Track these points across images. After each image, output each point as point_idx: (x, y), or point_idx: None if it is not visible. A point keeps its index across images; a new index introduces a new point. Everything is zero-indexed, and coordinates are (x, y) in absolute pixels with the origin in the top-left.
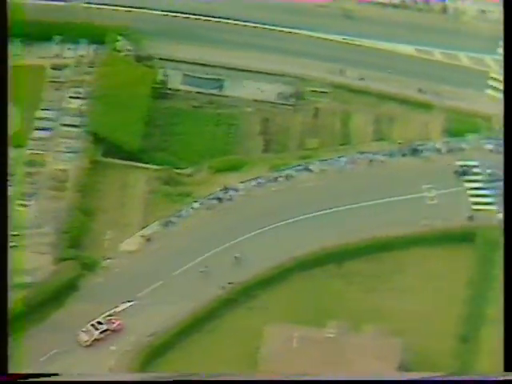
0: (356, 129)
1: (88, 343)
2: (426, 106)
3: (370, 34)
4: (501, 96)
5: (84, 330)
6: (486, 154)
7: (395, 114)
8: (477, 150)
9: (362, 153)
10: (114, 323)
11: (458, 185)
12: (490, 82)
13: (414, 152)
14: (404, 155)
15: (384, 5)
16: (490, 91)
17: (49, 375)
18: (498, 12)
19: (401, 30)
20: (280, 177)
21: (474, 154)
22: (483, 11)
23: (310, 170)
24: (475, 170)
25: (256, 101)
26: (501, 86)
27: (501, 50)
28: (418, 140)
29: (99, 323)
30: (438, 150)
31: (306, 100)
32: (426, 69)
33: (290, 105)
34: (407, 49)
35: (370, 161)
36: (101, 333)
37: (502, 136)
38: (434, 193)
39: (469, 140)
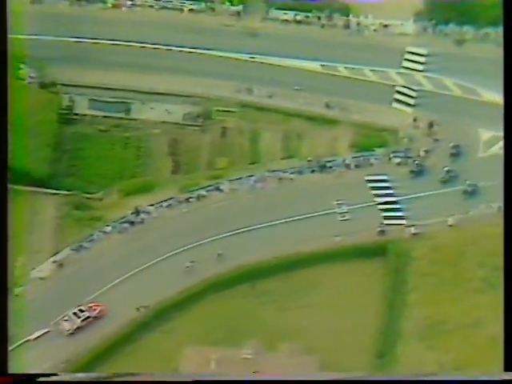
0: (265, 147)
1: (71, 331)
2: (333, 122)
3: (276, 51)
4: (406, 109)
5: (66, 318)
6: (393, 167)
7: (303, 130)
8: (385, 164)
9: (272, 171)
10: (95, 310)
11: (369, 199)
12: (396, 96)
13: (323, 168)
14: (313, 171)
15: (288, 22)
16: (395, 105)
17: (48, 375)
18: (400, 26)
19: (306, 47)
20: (191, 197)
21: (382, 167)
22: (385, 26)
23: (220, 190)
24: (384, 184)
25: (163, 122)
26: (406, 100)
27: (405, 64)
28: (327, 156)
29: (81, 311)
30: (347, 166)
31: (213, 120)
32: (332, 84)
33: (197, 125)
34: (313, 65)
35: (280, 179)
36: (83, 320)
37: (409, 148)
38: (344, 208)
39: (377, 154)
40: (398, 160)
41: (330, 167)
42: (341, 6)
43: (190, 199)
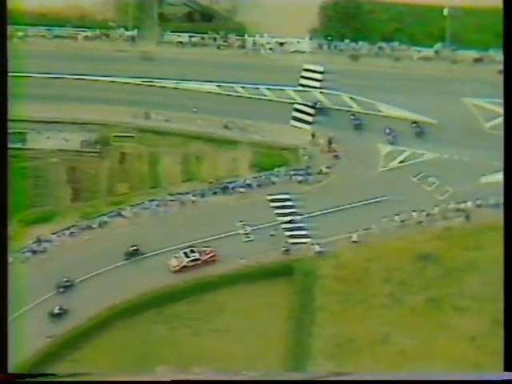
0: (164, 171)
1: (177, 269)
2: (232, 143)
3: (173, 74)
4: (305, 127)
5: (176, 255)
6: (295, 185)
7: (203, 152)
8: (287, 183)
9: (173, 194)
10: (207, 254)
11: (272, 219)
12: (294, 114)
13: (225, 190)
14: (215, 193)
15: (183, 44)
16: (294, 123)
17: (47, 375)
18: (296, 44)
19: (202, 68)
20: (93, 224)
21: (284, 186)
22: (281, 44)
23: (122, 216)
24: (287, 202)
25: (61, 151)
26: (305, 117)
27: (302, 81)
28: (228, 177)
29: (192, 251)
30: (249, 186)
31: (111, 146)
32: (230, 105)
33: (95, 152)
34: (209, 87)
35: (182, 202)
36: (191, 261)
37: (309, 166)
38: (248, 229)
39: (278, 173)
40: (299, 178)
41: (232, 188)
42: (236, 26)
43: (93, 226)
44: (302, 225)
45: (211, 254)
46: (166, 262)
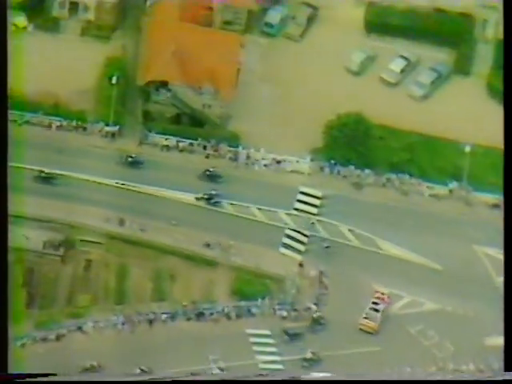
0: (133, 286)
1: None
2: (212, 263)
3: (153, 179)
4: (295, 256)
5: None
6: (278, 321)
7: (178, 270)
8: (269, 317)
9: (141, 313)
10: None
11: (249, 356)
12: (285, 240)
13: (200, 316)
14: (189, 319)
15: (169, 148)
16: (283, 249)
17: (47, 375)
18: (295, 163)
19: (187, 177)
20: (49, 336)
21: (265, 320)
22: (278, 161)
23: (82, 330)
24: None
25: (19, 249)
26: (296, 245)
27: (297, 205)
28: (204, 302)
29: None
30: (227, 315)
31: (76, 250)
32: (214, 221)
33: (58, 255)
34: (193, 198)
35: (151, 322)
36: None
37: (296, 301)
38: (222, 364)
39: (260, 304)
40: (283, 313)
41: (209, 315)
42: (229, 136)
43: (49, 337)
44: (282, 367)
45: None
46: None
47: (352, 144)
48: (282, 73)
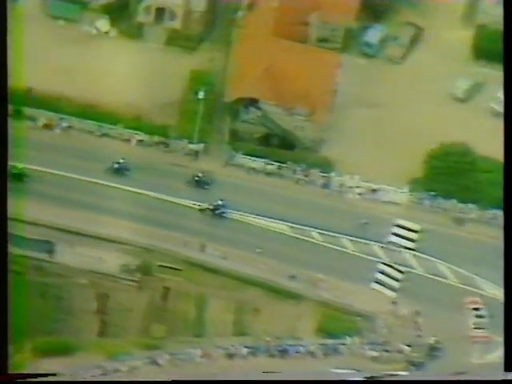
0: (213, 317)
1: None
2: (297, 297)
3: (237, 204)
4: (388, 292)
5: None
6: (368, 362)
7: (261, 303)
8: (358, 357)
9: (220, 347)
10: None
11: None
12: (377, 275)
13: (284, 353)
14: (272, 355)
15: (255, 171)
16: (376, 286)
17: (46, 375)
18: (392, 192)
19: (274, 203)
20: (122, 367)
21: (354, 361)
22: (374, 190)
23: (157, 363)
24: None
25: (93, 272)
26: (390, 281)
27: (392, 238)
28: (287, 337)
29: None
30: (312, 353)
31: (154, 276)
32: (301, 252)
33: (134, 280)
34: (280, 226)
35: (231, 356)
36: None
37: (388, 341)
38: None
39: (348, 343)
40: (374, 353)
41: (294, 351)
42: (322, 161)
43: (121, 369)
44: None
45: None
46: None
47: (455, 176)
48: (380, 96)
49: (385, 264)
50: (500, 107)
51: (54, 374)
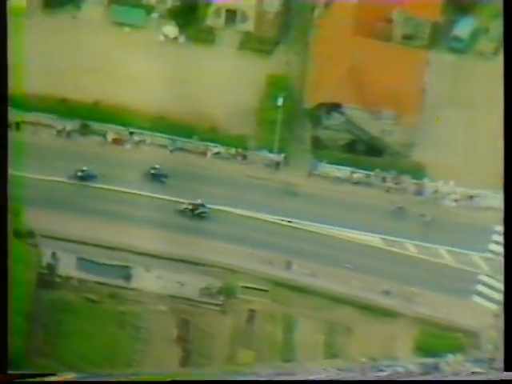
0: (303, 340)
1: None
2: (392, 314)
3: (323, 217)
4: (491, 306)
5: None
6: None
7: (353, 322)
8: (463, 375)
9: (312, 371)
10: None
11: None
12: (479, 287)
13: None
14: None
15: (341, 180)
16: (477, 299)
17: (45, 375)
18: (491, 197)
19: (363, 215)
20: None
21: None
22: (471, 196)
23: None
24: None
25: (173, 297)
26: (492, 294)
27: (493, 247)
28: (384, 358)
29: None
30: (410, 374)
31: (237, 299)
32: (395, 266)
33: (216, 304)
34: (371, 238)
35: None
36: None
37: (493, 359)
38: None
39: (450, 362)
40: (477, 370)
41: (392, 372)
42: (414, 166)
43: None
44: None
45: None
46: None
47: None
48: (472, 95)
49: (486, 275)
50: None
51: (54, 374)
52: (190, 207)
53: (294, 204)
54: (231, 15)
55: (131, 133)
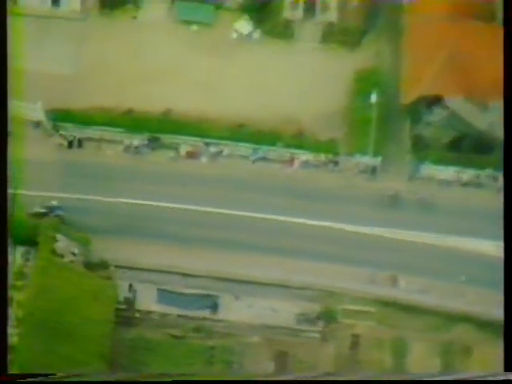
0: (416, 364)
1: None
2: None
3: (430, 225)
4: None
5: None
6: None
7: (472, 341)
8: None
9: None
10: None
11: None
12: None
13: None
14: None
15: (448, 183)
16: None
17: (46, 375)
18: None
19: (476, 220)
20: None
21: None
22: None
23: None
24: None
25: (266, 326)
26: None
27: None
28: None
29: None
30: None
31: (339, 323)
32: None
33: (316, 331)
34: (486, 247)
35: None
36: None
37: None
38: None
39: None
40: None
41: None
42: None
43: None
44: None
45: None
46: None
47: None
48: None
49: None
50: None
51: (54, 374)
52: None
53: (395, 213)
54: (310, 6)
55: (207, 144)
